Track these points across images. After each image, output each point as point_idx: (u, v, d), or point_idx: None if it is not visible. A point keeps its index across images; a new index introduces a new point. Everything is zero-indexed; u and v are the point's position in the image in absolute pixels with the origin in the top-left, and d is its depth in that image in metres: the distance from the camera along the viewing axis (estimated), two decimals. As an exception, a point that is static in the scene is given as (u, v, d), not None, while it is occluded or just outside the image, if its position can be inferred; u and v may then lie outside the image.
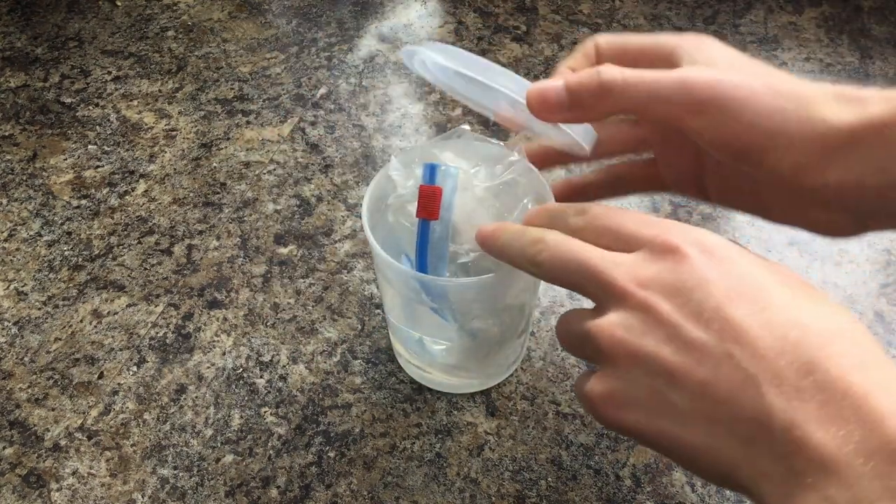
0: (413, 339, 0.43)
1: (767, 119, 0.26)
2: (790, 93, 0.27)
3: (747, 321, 0.22)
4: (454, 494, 0.40)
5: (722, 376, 0.22)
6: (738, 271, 0.23)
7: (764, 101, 0.26)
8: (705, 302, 0.23)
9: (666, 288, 0.24)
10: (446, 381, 0.44)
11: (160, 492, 0.41)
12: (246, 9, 0.75)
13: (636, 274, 0.24)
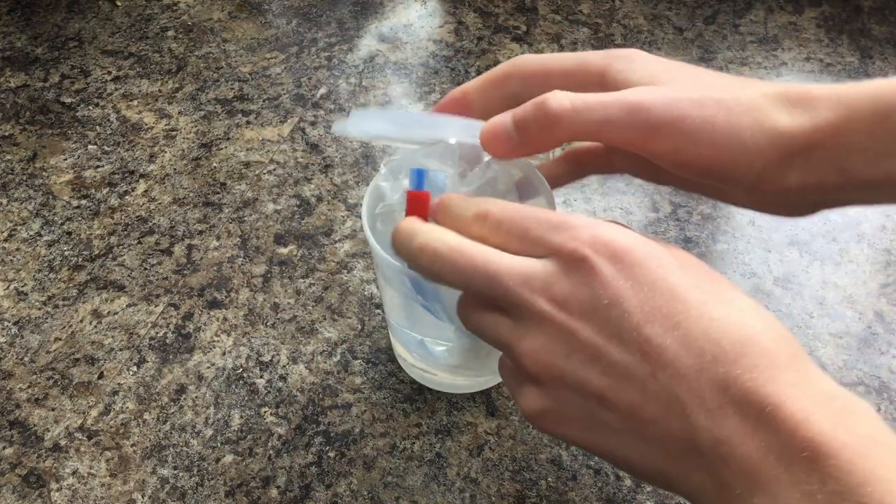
0: (414, 341, 0.43)
1: (726, 137, 0.26)
2: (740, 105, 0.26)
3: (665, 340, 0.22)
4: (454, 494, 0.40)
5: (648, 398, 0.22)
6: (649, 279, 0.23)
7: (719, 120, 0.26)
8: (623, 321, 0.23)
9: (583, 308, 0.24)
10: (449, 382, 0.44)
11: (160, 492, 0.41)
12: (246, 9, 0.75)
13: (550, 292, 0.24)
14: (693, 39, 0.70)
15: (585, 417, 0.24)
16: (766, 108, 0.26)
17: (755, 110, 0.26)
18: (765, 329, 0.23)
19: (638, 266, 0.23)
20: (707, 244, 0.53)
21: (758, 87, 0.27)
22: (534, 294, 0.24)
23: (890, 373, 0.46)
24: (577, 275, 0.24)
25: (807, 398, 0.21)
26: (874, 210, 0.55)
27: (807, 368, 0.22)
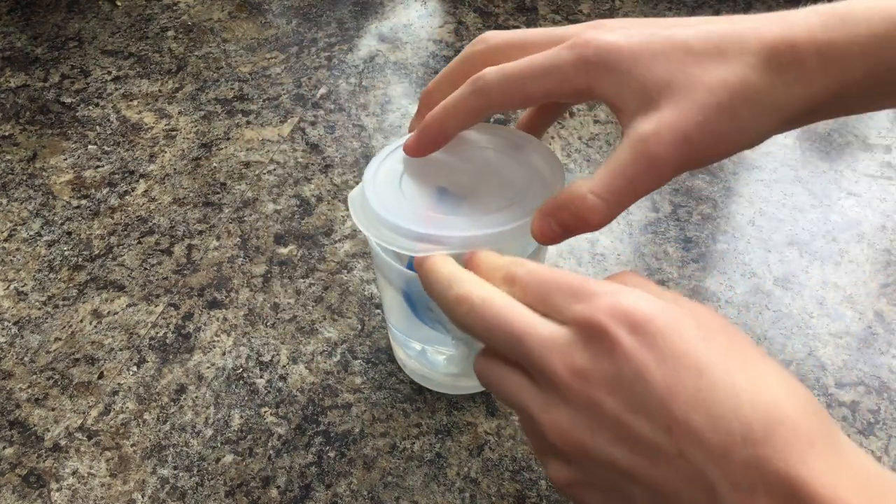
0: (415, 349, 0.43)
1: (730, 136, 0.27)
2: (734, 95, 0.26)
3: (693, 418, 0.22)
4: (454, 494, 0.40)
5: (676, 475, 0.22)
6: (672, 351, 0.23)
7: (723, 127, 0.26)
8: (647, 396, 0.22)
9: (606, 380, 0.23)
10: (450, 383, 0.44)
11: (160, 492, 0.41)
12: (246, 9, 0.75)
13: (572, 363, 0.24)
14: (693, 39, 0.70)
15: (612, 490, 0.24)
16: (759, 86, 0.26)
17: (750, 95, 0.26)
18: (796, 405, 0.22)
19: (660, 337, 0.23)
20: (707, 244, 0.53)
21: (738, 46, 0.26)
22: (556, 362, 0.24)
23: (890, 373, 0.46)
24: (597, 345, 0.23)
25: (840, 481, 0.21)
26: (874, 210, 0.55)
27: (840, 446, 0.22)
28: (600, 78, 0.27)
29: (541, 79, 0.28)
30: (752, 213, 0.55)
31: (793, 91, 0.26)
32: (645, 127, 0.26)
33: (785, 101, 0.26)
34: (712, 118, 0.26)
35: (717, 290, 0.50)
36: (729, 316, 0.49)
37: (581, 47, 0.27)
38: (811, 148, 0.61)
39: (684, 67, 0.26)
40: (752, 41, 0.26)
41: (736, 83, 0.26)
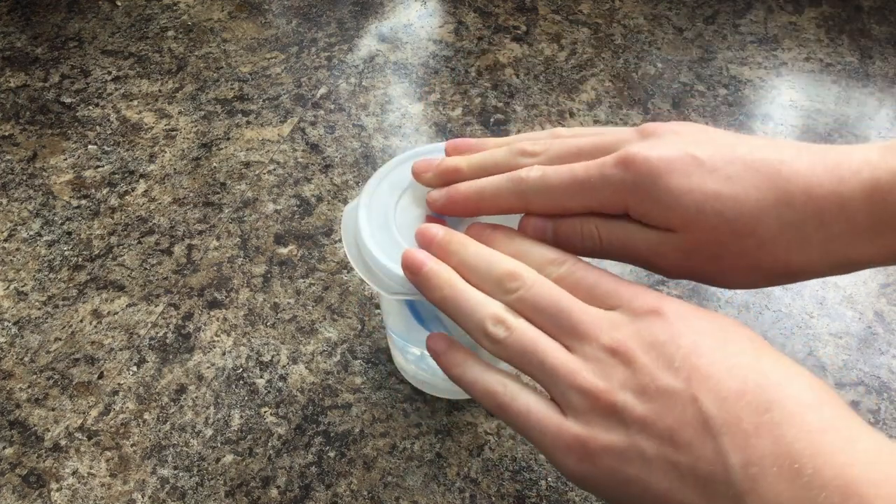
0: (414, 354, 0.43)
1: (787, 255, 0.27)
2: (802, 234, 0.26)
3: (712, 367, 0.23)
4: (454, 494, 0.40)
5: (686, 421, 0.23)
6: (705, 329, 0.25)
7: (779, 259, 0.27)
8: (677, 353, 0.24)
9: (643, 343, 0.25)
10: (450, 388, 0.44)
11: (160, 492, 0.41)
12: (246, 9, 0.75)
13: (617, 330, 0.26)
14: (693, 39, 0.70)
15: (623, 448, 0.24)
16: (813, 238, 0.26)
17: (803, 243, 0.26)
18: (812, 380, 0.24)
19: (698, 320, 0.25)
20: (707, 244, 0.53)
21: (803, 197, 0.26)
22: (604, 330, 0.26)
23: (890, 373, 0.46)
24: (644, 320, 0.26)
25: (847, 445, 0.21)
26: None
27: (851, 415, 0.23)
28: (639, 201, 0.28)
29: (580, 196, 0.29)
30: (752, 213, 0.55)
31: (830, 248, 0.26)
32: (662, 241, 0.28)
33: (855, 255, 0.26)
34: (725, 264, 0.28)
35: (717, 290, 0.50)
36: (729, 316, 0.49)
37: (623, 169, 0.28)
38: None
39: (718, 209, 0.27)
40: (799, 195, 0.26)
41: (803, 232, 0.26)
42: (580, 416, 0.26)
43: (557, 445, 0.26)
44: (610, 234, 0.29)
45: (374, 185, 0.37)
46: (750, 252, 0.27)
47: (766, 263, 0.27)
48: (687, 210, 0.27)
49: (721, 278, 0.28)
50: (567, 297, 0.27)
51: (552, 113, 0.63)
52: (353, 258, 0.35)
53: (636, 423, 0.24)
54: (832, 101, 0.64)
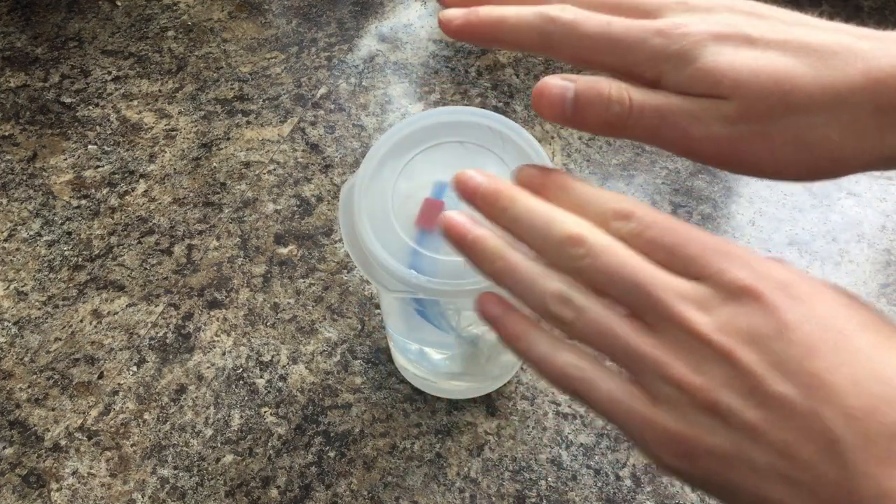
0: (414, 350, 0.43)
1: (820, 151, 0.24)
2: (829, 121, 0.24)
3: (833, 376, 0.20)
4: (454, 494, 0.40)
5: (807, 437, 0.21)
6: (817, 314, 0.22)
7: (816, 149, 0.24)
8: (788, 352, 0.21)
9: (743, 334, 0.22)
10: (449, 388, 0.44)
11: (160, 492, 0.41)
12: (246, 9, 0.75)
13: (709, 315, 0.22)
14: (693, 39, 0.70)
15: (728, 453, 0.22)
16: (868, 122, 0.23)
17: (858, 128, 0.23)
18: None
19: (807, 300, 0.22)
20: (707, 244, 0.53)
21: (847, 74, 0.23)
22: (692, 313, 0.22)
23: (890, 373, 0.45)
24: (739, 302, 0.22)
25: None
26: (874, 210, 0.55)
27: None
28: (672, 72, 0.24)
29: (612, 52, 0.25)
30: (752, 213, 0.55)
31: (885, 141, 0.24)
32: (706, 106, 0.24)
33: (890, 150, 0.24)
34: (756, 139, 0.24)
35: (717, 290, 0.50)
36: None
37: (670, 36, 0.24)
38: None
39: None
40: (868, 74, 0.23)
41: (832, 102, 0.24)
42: (675, 410, 0.22)
43: (650, 438, 0.23)
44: (644, 99, 0.25)
45: (370, 163, 0.35)
46: (802, 131, 0.24)
47: (817, 147, 0.24)
48: (739, 73, 0.23)
49: (767, 162, 0.25)
50: (643, 266, 0.23)
51: (552, 113, 0.63)
52: (353, 251, 0.34)
53: (744, 428, 0.21)
54: (832, 101, 0.64)
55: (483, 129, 0.36)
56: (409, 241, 0.33)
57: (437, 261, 0.32)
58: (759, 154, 0.25)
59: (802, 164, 0.25)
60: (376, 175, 0.35)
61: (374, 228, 0.33)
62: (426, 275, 0.32)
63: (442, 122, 0.35)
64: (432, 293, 0.32)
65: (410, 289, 0.32)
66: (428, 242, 0.33)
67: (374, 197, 0.34)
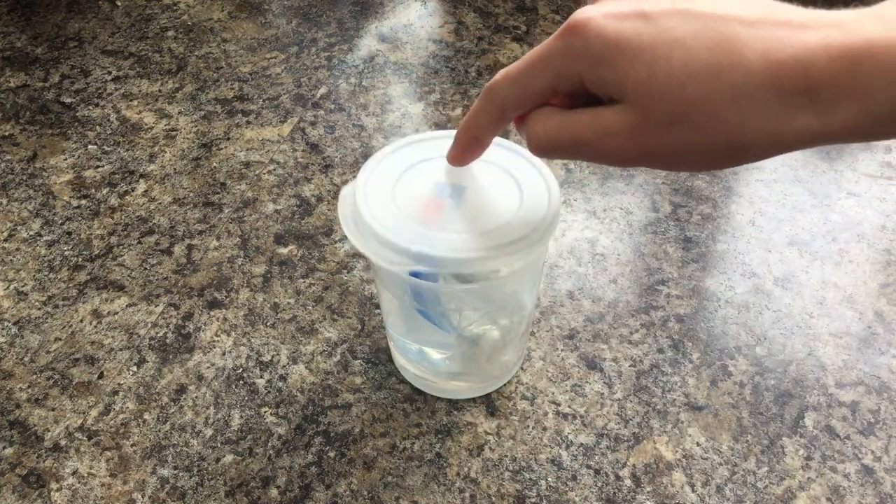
0: (414, 350, 0.43)
1: (729, 139, 0.26)
2: (738, 110, 0.24)
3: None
4: (454, 494, 0.40)
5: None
6: None
7: (720, 141, 0.26)
8: None
9: None
10: (449, 388, 0.44)
11: (160, 492, 0.41)
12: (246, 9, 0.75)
13: None
14: (693, 39, 0.70)
15: None
16: (769, 106, 0.24)
17: (758, 112, 0.24)
18: None
19: None
20: (707, 244, 0.53)
21: (747, 62, 0.24)
22: None
23: (890, 373, 0.46)
24: None
25: None
26: (874, 210, 0.55)
27: None
28: (590, 67, 0.26)
29: (540, 75, 0.27)
30: (752, 213, 0.55)
31: (810, 123, 0.24)
32: (610, 118, 0.26)
33: (798, 131, 0.24)
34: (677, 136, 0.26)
35: (717, 290, 0.50)
36: (729, 316, 0.49)
37: (569, 35, 0.26)
38: (811, 148, 0.61)
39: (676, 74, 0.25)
40: (769, 56, 0.23)
41: (741, 91, 0.24)
42: None
43: None
44: (558, 128, 0.28)
45: (370, 167, 0.37)
46: (703, 123, 0.24)
47: (721, 136, 0.25)
48: (637, 72, 0.24)
49: (675, 158, 0.26)
50: None
51: (552, 113, 0.63)
52: (352, 234, 0.34)
53: None
54: (832, 101, 0.64)
55: None
56: (412, 231, 0.33)
57: (441, 237, 0.33)
58: (667, 153, 0.26)
59: (713, 157, 0.26)
60: (377, 179, 0.36)
61: (375, 217, 0.34)
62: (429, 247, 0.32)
63: (441, 137, 0.38)
64: (433, 263, 0.32)
65: (412, 259, 0.32)
66: (428, 239, 0.33)
67: (376, 196, 0.35)
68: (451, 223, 0.34)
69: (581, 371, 0.46)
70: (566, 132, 0.27)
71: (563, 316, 0.49)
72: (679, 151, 0.26)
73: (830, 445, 0.42)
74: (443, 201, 0.35)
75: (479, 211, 0.34)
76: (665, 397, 0.44)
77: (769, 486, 0.40)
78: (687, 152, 0.26)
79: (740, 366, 0.46)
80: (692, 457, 0.42)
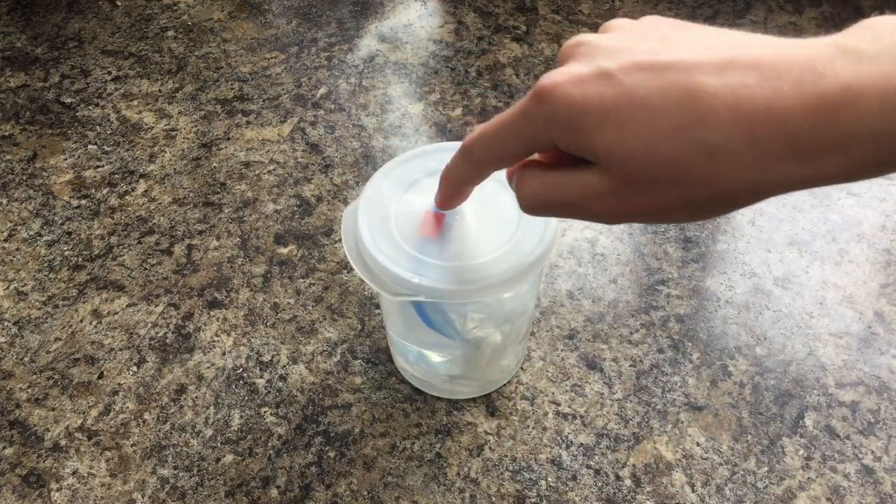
0: (414, 353, 0.43)
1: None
2: (717, 162, 0.24)
3: None
4: (454, 494, 0.40)
5: None
6: None
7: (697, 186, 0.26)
8: None
9: None
10: (449, 389, 0.44)
11: (160, 492, 0.41)
12: (246, 9, 0.75)
13: None
14: (693, 39, 0.70)
15: None
16: (744, 158, 0.23)
17: (734, 165, 0.23)
18: None
19: None
20: (707, 244, 0.53)
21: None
22: None
23: (890, 373, 0.45)
24: None
25: None
26: (874, 210, 0.55)
27: None
28: (561, 133, 0.26)
29: (513, 139, 0.28)
30: (752, 213, 0.55)
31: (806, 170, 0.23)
32: (590, 181, 0.26)
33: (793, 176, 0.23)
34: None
35: (717, 290, 0.50)
36: (729, 316, 0.49)
37: (537, 102, 0.26)
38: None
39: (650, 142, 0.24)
40: (726, 113, 0.23)
41: (725, 147, 0.24)
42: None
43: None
44: (544, 189, 0.28)
45: (376, 182, 0.37)
46: (679, 181, 0.24)
47: (700, 191, 0.24)
48: (605, 136, 0.24)
49: (662, 214, 0.26)
50: None
51: (552, 113, 0.63)
52: (354, 259, 0.35)
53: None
54: (832, 101, 0.64)
55: None
56: (411, 249, 0.34)
57: (438, 266, 0.33)
58: (651, 212, 0.26)
59: (697, 210, 0.25)
60: (378, 196, 0.37)
61: (376, 240, 0.34)
62: (427, 278, 0.33)
63: (441, 149, 0.38)
64: (432, 294, 0.32)
65: (412, 291, 0.33)
66: (429, 250, 0.34)
67: (377, 214, 0.36)
68: (450, 242, 0.34)
69: (581, 371, 0.46)
70: (551, 194, 0.28)
71: (563, 316, 0.49)
72: (663, 208, 0.25)
73: (830, 445, 0.42)
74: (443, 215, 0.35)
75: (478, 228, 0.35)
76: (665, 397, 0.44)
77: (769, 486, 0.40)
78: (672, 209, 0.25)
79: (740, 366, 0.46)
80: (692, 457, 0.42)
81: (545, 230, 0.35)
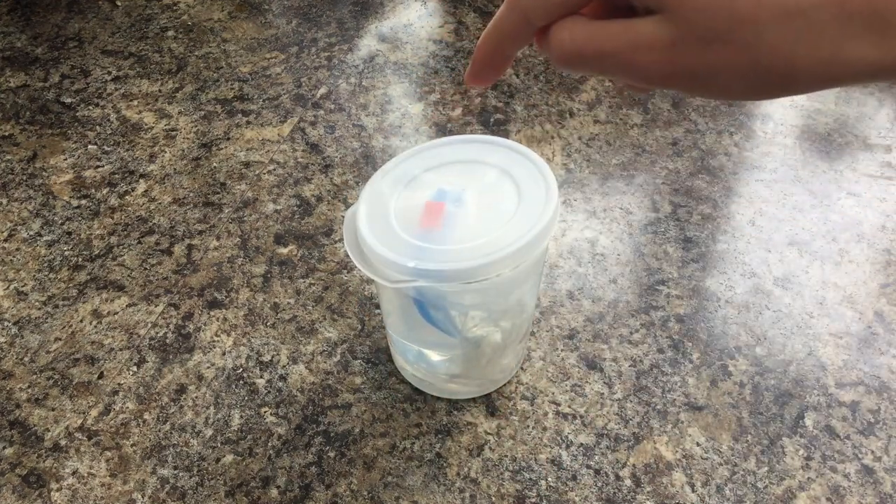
0: (414, 352, 0.43)
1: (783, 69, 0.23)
2: (800, 33, 0.22)
3: None
4: (454, 494, 0.40)
5: None
6: None
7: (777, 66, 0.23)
8: None
9: None
10: (449, 389, 0.44)
11: (160, 492, 0.41)
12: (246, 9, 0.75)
13: None
14: (693, 39, 0.70)
15: None
16: (825, 30, 0.22)
17: (812, 35, 0.22)
18: None
19: None
20: (707, 244, 0.53)
21: None
22: None
23: (890, 373, 0.45)
24: None
25: None
26: (874, 210, 0.55)
27: None
28: None
29: None
30: (752, 213, 0.55)
31: (874, 52, 0.22)
32: (645, 30, 0.24)
33: (862, 61, 0.22)
34: None
35: (717, 290, 0.50)
36: (729, 316, 0.49)
37: None
38: (811, 148, 0.61)
39: None
40: None
41: (807, 18, 0.22)
42: None
43: None
44: (587, 37, 0.26)
45: (376, 181, 0.38)
46: (748, 43, 0.23)
47: (767, 60, 0.23)
48: None
49: (712, 80, 0.24)
50: None
51: (552, 113, 0.63)
52: (355, 256, 0.35)
53: None
54: (832, 101, 0.64)
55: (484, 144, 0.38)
56: (412, 238, 0.34)
57: (438, 251, 0.33)
58: (703, 74, 0.24)
59: (752, 83, 0.24)
60: (378, 193, 0.37)
61: (375, 232, 0.35)
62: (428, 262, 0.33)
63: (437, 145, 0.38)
64: (431, 276, 0.32)
65: (411, 276, 0.33)
66: (431, 238, 0.34)
67: (377, 210, 0.36)
68: (450, 229, 0.34)
69: (581, 371, 0.46)
70: (595, 42, 0.25)
71: (563, 316, 0.49)
72: (717, 73, 0.24)
73: (830, 445, 0.42)
74: (443, 204, 0.35)
75: (479, 214, 0.35)
76: (665, 397, 0.44)
77: (769, 486, 0.40)
78: (726, 74, 0.24)
79: (740, 366, 0.46)
80: (692, 457, 0.42)
81: (544, 210, 0.35)
